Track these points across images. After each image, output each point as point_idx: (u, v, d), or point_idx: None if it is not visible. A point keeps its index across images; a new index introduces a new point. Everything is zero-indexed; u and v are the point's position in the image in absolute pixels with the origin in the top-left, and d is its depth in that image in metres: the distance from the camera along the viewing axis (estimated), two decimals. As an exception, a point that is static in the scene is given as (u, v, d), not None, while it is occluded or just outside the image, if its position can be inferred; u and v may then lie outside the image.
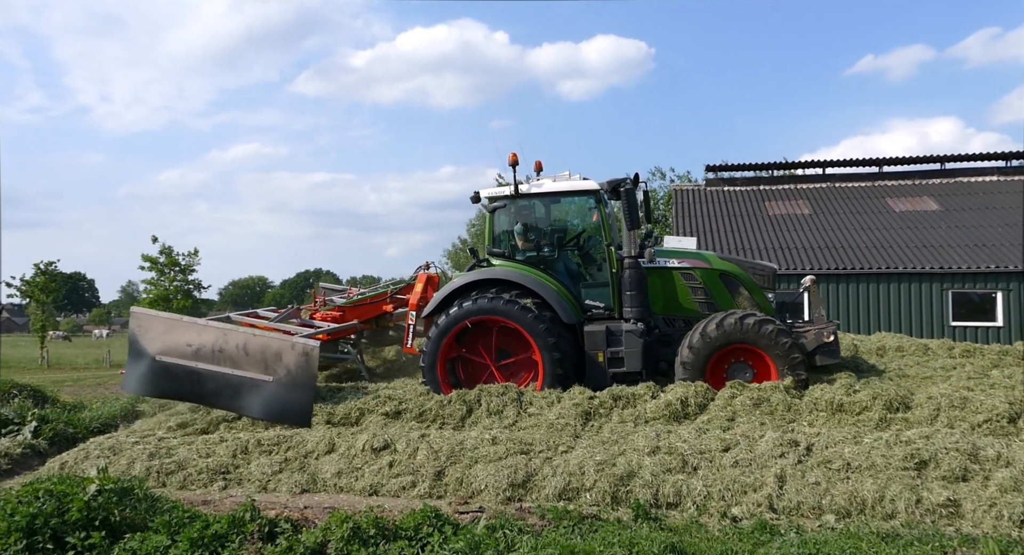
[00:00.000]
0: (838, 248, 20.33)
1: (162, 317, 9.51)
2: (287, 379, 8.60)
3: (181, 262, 26.89)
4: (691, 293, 9.57)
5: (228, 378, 8.78)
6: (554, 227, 10.12)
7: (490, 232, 10.00)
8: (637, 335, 9.02)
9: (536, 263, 9.72)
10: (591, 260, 9.80)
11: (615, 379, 8.99)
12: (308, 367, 8.60)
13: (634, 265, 9.22)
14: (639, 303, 9.20)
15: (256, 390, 8.67)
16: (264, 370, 8.69)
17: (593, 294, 9.63)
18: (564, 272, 9.80)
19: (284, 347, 8.71)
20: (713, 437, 6.84)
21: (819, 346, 8.92)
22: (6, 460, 7.84)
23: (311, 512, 5.75)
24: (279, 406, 8.59)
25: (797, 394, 8.16)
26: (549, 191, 9.78)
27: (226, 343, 8.85)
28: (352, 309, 11.58)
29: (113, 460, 7.22)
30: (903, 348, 11.90)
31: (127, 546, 4.91)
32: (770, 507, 5.64)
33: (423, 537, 4.99)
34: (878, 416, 7.55)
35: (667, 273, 9.60)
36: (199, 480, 6.86)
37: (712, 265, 9.64)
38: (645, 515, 5.51)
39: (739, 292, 9.60)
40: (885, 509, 5.49)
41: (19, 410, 9.20)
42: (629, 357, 9.01)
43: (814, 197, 24.08)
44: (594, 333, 9.17)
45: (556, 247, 9.89)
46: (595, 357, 9.14)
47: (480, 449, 6.79)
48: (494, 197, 9.88)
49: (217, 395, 8.87)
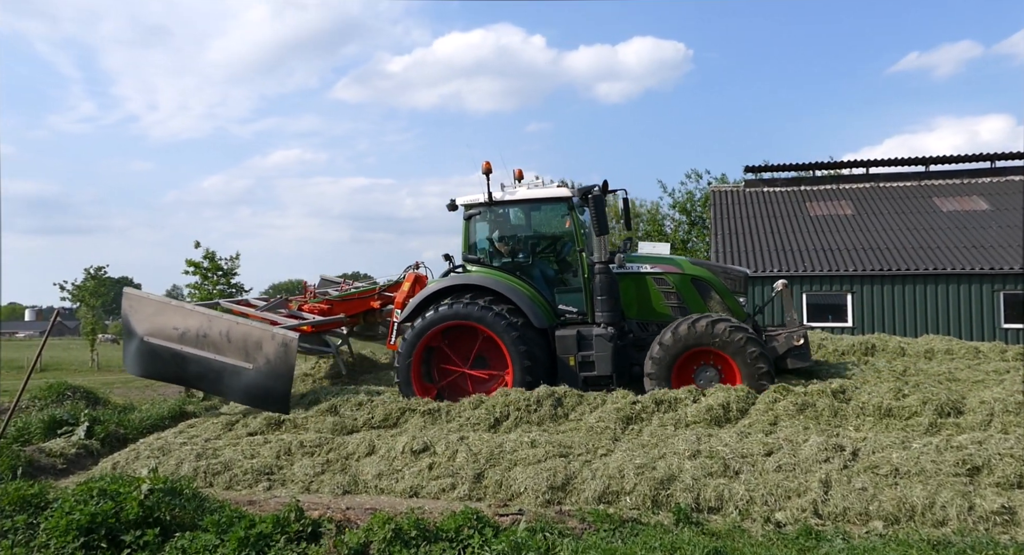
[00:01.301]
0: (883, 249, 19.86)
1: (152, 299, 9.73)
2: (266, 368, 8.88)
3: (224, 266, 27.49)
4: (664, 298, 9.73)
5: (211, 363, 9.08)
6: (528, 234, 10.33)
7: (466, 239, 10.19)
8: (607, 339, 9.14)
9: (512, 269, 9.93)
10: (566, 266, 10.01)
11: (586, 383, 9.19)
12: (287, 357, 8.85)
13: (604, 270, 9.36)
14: (610, 308, 9.31)
15: (237, 376, 8.97)
16: (245, 358, 8.96)
17: (567, 299, 9.78)
18: (540, 278, 9.98)
19: (265, 337, 8.96)
20: (755, 441, 6.74)
21: (789, 349, 9.12)
22: (61, 460, 8.10)
23: (353, 513, 5.83)
24: (258, 393, 8.90)
25: (844, 398, 8.02)
26: (522, 198, 9.98)
27: (210, 329, 9.11)
28: (340, 303, 11.86)
29: (162, 460, 7.42)
30: (952, 351, 11.57)
31: (178, 544, 5.03)
32: (815, 513, 5.54)
33: (464, 539, 5.01)
34: (928, 421, 7.36)
35: (641, 278, 9.78)
36: (244, 480, 7.01)
37: (684, 270, 9.81)
38: (686, 519, 5.46)
39: (711, 296, 9.73)
40: (936, 516, 5.34)
41: (73, 411, 9.49)
42: (600, 361, 9.15)
43: (857, 197, 23.57)
44: (565, 337, 9.33)
45: (531, 253, 10.11)
46: (566, 361, 9.30)
47: (519, 451, 6.80)
48: (470, 205, 10.07)
49: (199, 378, 9.20)
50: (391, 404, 8.82)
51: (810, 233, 21.39)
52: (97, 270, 28.68)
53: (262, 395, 8.91)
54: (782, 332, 9.46)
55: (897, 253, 19.53)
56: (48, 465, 7.93)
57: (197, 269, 29.04)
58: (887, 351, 11.83)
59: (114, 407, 10.86)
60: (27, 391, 8.79)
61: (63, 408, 9.80)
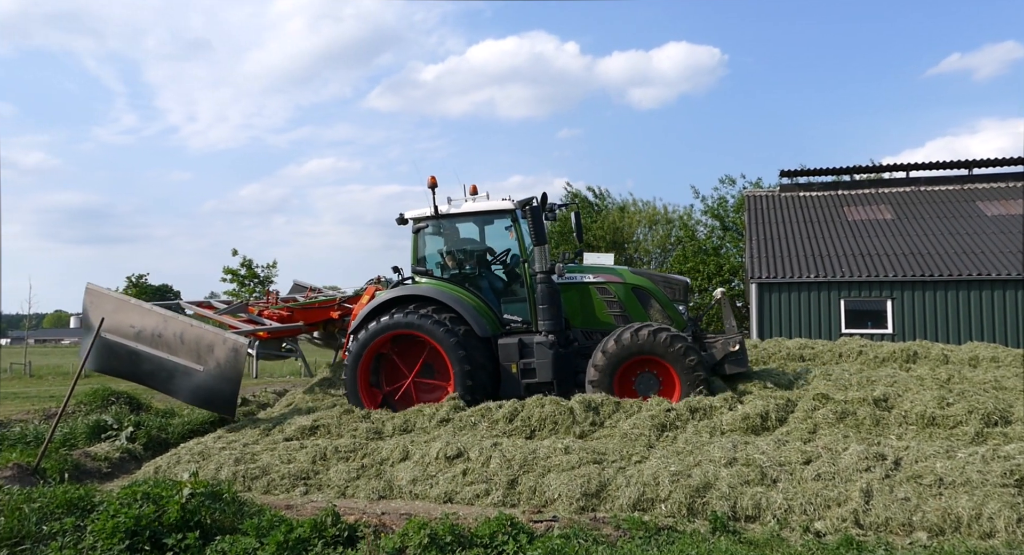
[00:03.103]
0: (924, 254, 19.41)
1: (112, 296, 9.94)
2: (216, 371, 9.08)
3: (260, 274, 28.05)
4: (607, 307, 9.93)
5: (163, 362, 9.26)
6: (475, 246, 10.56)
7: (415, 252, 10.42)
8: (547, 347, 9.36)
9: (461, 281, 10.15)
10: (512, 277, 10.23)
11: (528, 390, 9.34)
12: (236, 362, 9.05)
13: (545, 280, 9.48)
14: (551, 316, 9.48)
15: (188, 377, 9.18)
16: (196, 359, 9.16)
17: (512, 309, 10.01)
18: (488, 288, 10.21)
19: (216, 340, 9.15)
20: (793, 449, 6.62)
21: (726, 355, 9.41)
22: (106, 464, 8.31)
23: (388, 518, 5.87)
24: (206, 395, 9.14)
25: (885, 407, 7.86)
26: (467, 211, 10.20)
27: (165, 329, 9.29)
28: (300, 311, 12.10)
29: (202, 465, 7.55)
30: (999, 358, 11.25)
31: (218, 547, 5.12)
32: (856, 523, 5.42)
33: (498, 545, 5.02)
34: (974, 430, 7.18)
35: (584, 288, 10.01)
36: (282, 485, 7.11)
37: (625, 279, 10.00)
38: (723, 528, 5.39)
39: (651, 305, 9.92)
40: (983, 527, 5.20)
41: (117, 416, 9.73)
42: (540, 368, 9.36)
43: (897, 202, 23.08)
44: (507, 346, 9.56)
45: (477, 265, 10.37)
46: (509, 368, 9.52)
47: (553, 458, 6.79)
48: (418, 218, 10.31)
49: (152, 377, 9.38)
50: (422, 412, 8.89)
51: (848, 238, 21.00)
52: (138, 278, 29.44)
53: (210, 397, 9.20)
54: (719, 339, 9.73)
55: (939, 258, 19.07)
56: (93, 469, 8.14)
57: (235, 276, 29.68)
58: (930, 358, 11.56)
59: (156, 412, 11.11)
60: (73, 396, 9.04)
61: (107, 413, 10.05)
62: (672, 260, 30.88)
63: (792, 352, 12.44)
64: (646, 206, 35.22)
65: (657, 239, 33.15)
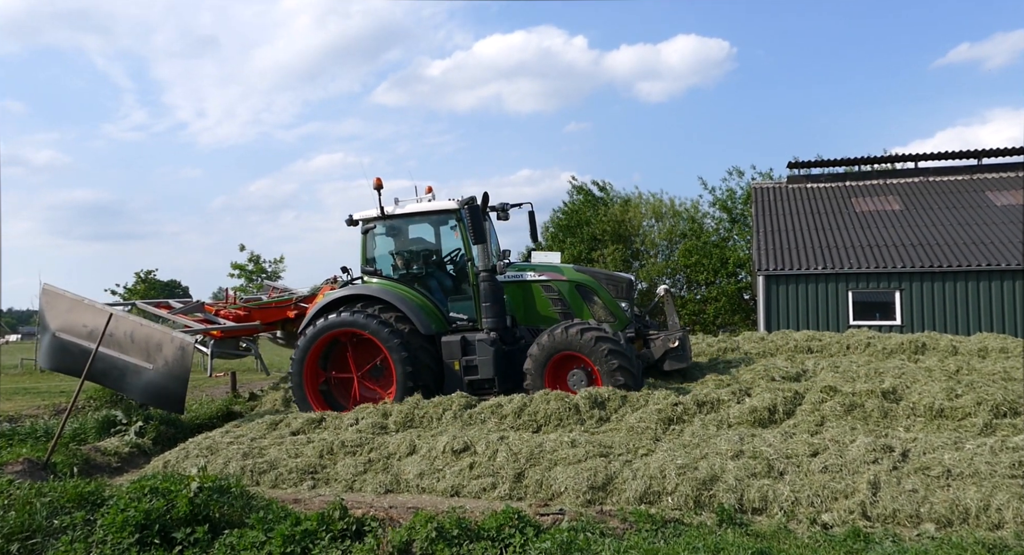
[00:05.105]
0: (932, 245, 19.28)
1: (67, 296, 10.07)
2: (164, 369, 9.21)
3: (268, 269, 28.13)
4: (551, 304, 10.08)
5: (114, 361, 9.37)
6: (421, 246, 10.64)
7: (364, 252, 10.54)
8: (489, 344, 9.47)
9: (410, 280, 10.28)
10: (463, 275, 10.25)
11: (470, 386, 9.51)
12: (183, 360, 9.18)
13: (488, 278, 9.58)
14: (494, 314, 9.60)
15: (137, 375, 9.32)
16: (146, 358, 9.30)
17: (458, 307, 10.13)
18: (436, 288, 10.33)
19: (164, 339, 9.29)
20: (800, 441, 6.61)
21: (666, 351, 9.64)
22: (116, 458, 8.38)
23: (395, 512, 5.89)
24: (156, 392, 9.28)
25: (893, 398, 7.83)
26: (412, 211, 10.32)
27: (116, 329, 9.37)
28: (257, 311, 12.24)
29: (211, 459, 7.60)
30: (1008, 350, 11.18)
31: (226, 541, 5.15)
32: (863, 514, 5.41)
33: (505, 538, 5.03)
34: (983, 422, 7.14)
35: (527, 286, 10.17)
36: (289, 479, 7.15)
37: (568, 277, 10.11)
38: (730, 520, 5.38)
39: (594, 302, 10.03)
40: (991, 519, 5.17)
41: (125, 411, 9.81)
42: (482, 365, 9.47)
43: (905, 192, 22.92)
44: (450, 343, 9.69)
45: (424, 264, 10.47)
46: (452, 366, 9.63)
47: (559, 451, 6.79)
48: (366, 219, 10.44)
49: (104, 375, 9.52)
50: (429, 407, 8.90)
51: (856, 229, 20.87)
52: (147, 274, 29.59)
53: (160, 394, 9.32)
54: (659, 335, 9.88)
55: (948, 249, 18.94)
56: (103, 463, 8.21)
57: (242, 272, 29.78)
58: (938, 350, 11.50)
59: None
60: (83, 392, 9.13)
61: (117, 408, 10.12)
62: (679, 253, 30.76)
63: (800, 344, 12.39)
64: (653, 199, 35.05)
65: (663, 232, 32.96)
